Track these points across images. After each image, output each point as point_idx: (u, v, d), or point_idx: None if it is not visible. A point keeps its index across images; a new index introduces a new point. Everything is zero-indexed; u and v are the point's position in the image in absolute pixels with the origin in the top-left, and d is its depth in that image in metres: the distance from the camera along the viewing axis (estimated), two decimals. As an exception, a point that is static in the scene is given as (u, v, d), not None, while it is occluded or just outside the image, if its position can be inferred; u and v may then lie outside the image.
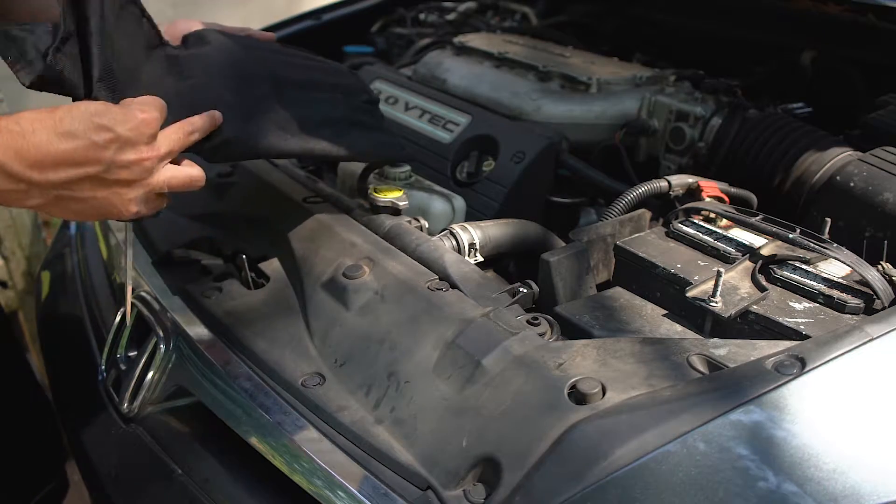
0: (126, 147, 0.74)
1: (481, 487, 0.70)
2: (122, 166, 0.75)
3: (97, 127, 0.72)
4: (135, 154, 0.75)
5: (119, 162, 0.74)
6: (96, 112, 0.72)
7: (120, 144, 0.73)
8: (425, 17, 2.01)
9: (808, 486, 0.62)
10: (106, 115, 0.73)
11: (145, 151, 0.76)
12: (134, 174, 0.76)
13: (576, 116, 1.37)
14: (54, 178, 0.71)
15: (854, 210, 1.02)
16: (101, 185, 0.75)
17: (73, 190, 0.73)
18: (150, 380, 0.99)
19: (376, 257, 0.96)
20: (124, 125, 0.73)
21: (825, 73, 1.51)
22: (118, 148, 0.73)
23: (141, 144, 0.75)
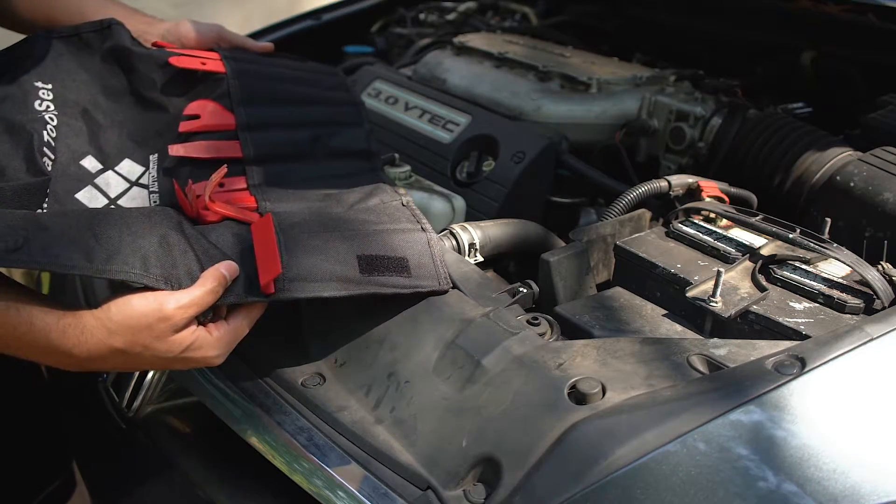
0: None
1: (481, 487, 0.70)
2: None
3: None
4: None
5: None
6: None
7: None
8: (425, 17, 2.01)
9: (808, 486, 0.62)
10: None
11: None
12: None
13: (576, 116, 1.37)
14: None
15: (854, 210, 1.02)
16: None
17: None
18: (150, 380, 0.99)
19: (376, 257, 0.96)
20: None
21: (825, 73, 1.51)
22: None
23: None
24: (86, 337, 0.73)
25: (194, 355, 0.77)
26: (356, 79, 1.57)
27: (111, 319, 0.73)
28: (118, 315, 0.73)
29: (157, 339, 0.74)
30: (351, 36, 1.96)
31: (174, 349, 0.75)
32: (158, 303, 0.74)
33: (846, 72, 1.47)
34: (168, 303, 0.74)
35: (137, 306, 0.73)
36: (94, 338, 0.73)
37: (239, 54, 1.08)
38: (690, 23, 1.74)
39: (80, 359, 0.74)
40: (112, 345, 0.73)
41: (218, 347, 0.79)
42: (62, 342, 0.72)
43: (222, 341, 0.79)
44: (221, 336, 0.79)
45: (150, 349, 0.74)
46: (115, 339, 0.73)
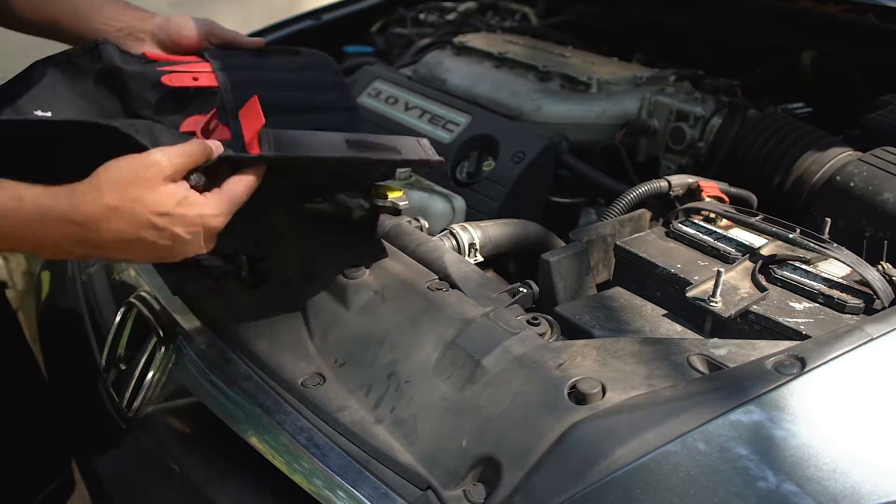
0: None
1: (481, 487, 0.70)
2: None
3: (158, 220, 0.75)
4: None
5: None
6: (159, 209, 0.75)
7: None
8: (425, 17, 2.01)
9: (808, 486, 0.62)
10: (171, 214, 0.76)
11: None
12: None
13: (576, 116, 1.37)
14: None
15: (854, 210, 1.02)
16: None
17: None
18: (150, 380, 0.99)
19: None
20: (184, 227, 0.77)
21: (825, 73, 1.51)
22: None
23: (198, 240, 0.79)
24: (78, 199, 0.72)
25: (190, 212, 0.76)
26: (356, 79, 1.57)
27: (100, 178, 0.73)
28: (106, 172, 0.73)
29: (147, 188, 0.73)
30: (351, 36, 1.96)
31: (167, 201, 0.74)
32: (145, 155, 0.75)
33: (846, 72, 1.47)
34: (154, 153, 0.75)
35: (124, 162, 0.74)
36: (87, 198, 0.72)
37: (231, 60, 1.07)
38: (690, 23, 1.74)
39: (76, 225, 0.73)
40: (106, 203, 0.72)
41: (214, 206, 0.77)
42: (55, 207, 0.72)
43: (217, 200, 0.78)
44: (216, 196, 0.78)
45: (142, 202, 0.73)
46: (107, 197, 0.72)
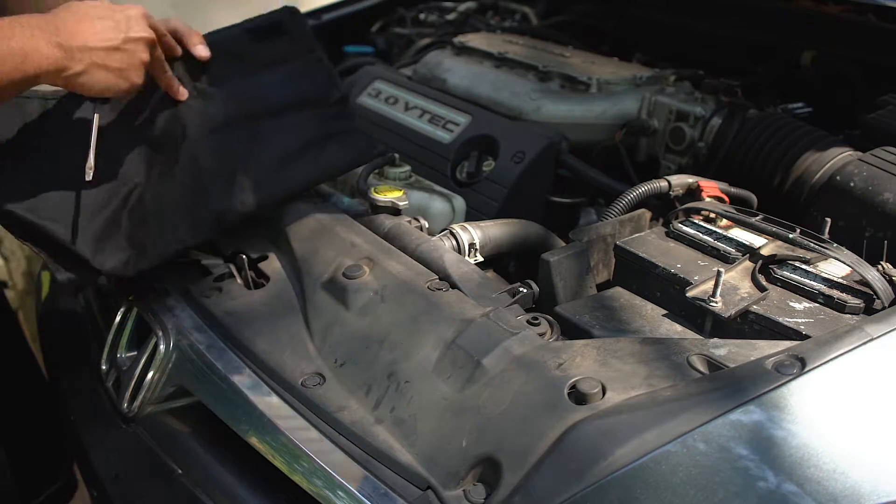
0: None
1: (481, 487, 0.70)
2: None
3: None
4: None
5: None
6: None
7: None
8: (425, 17, 2.01)
9: (807, 485, 0.62)
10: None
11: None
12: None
13: (576, 116, 1.37)
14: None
15: (854, 210, 1.02)
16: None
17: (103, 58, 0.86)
18: (150, 380, 0.99)
19: (376, 257, 0.96)
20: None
21: (825, 73, 1.51)
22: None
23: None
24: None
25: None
26: (356, 79, 1.57)
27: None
28: None
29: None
30: (351, 36, 1.96)
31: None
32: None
33: (846, 72, 1.47)
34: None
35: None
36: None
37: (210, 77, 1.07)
38: (690, 23, 1.74)
39: (50, 19, 0.82)
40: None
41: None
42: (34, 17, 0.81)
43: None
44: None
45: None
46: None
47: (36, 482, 1.32)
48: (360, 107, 1.49)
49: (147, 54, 0.92)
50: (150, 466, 0.96)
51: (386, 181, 1.22)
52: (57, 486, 1.35)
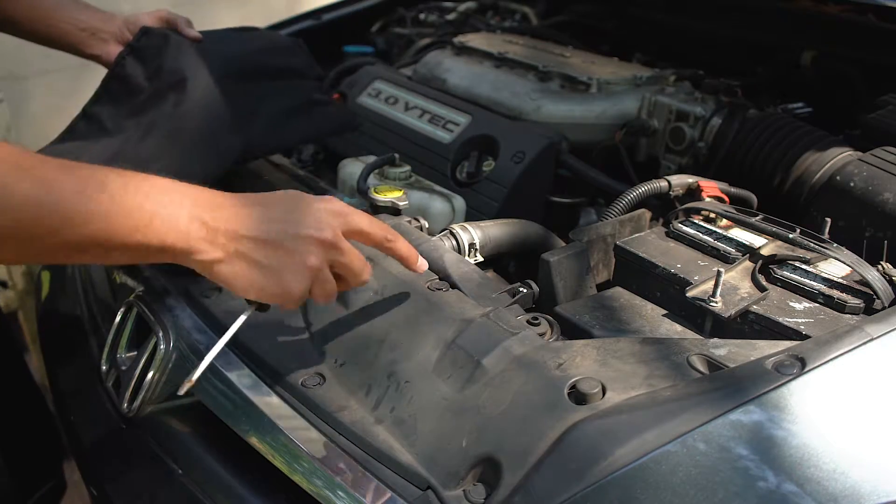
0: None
1: (481, 487, 0.70)
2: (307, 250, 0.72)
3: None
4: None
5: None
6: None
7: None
8: (425, 17, 2.01)
9: (807, 486, 0.62)
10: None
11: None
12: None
13: (576, 116, 1.37)
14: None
15: (854, 210, 1.02)
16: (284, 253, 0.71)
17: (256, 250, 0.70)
18: (150, 380, 0.99)
19: (376, 257, 0.96)
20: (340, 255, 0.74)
21: (825, 73, 1.51)
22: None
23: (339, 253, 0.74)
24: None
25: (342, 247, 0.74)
26: (356, 79, 1.57)
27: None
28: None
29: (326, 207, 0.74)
30: (351, 36, 1.96)
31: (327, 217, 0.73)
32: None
33: (846, 72, 1.47)
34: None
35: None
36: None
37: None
38: (690, 23, 1.74)
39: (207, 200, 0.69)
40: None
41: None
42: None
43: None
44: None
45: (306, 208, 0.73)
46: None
47: (29, 483, 1.32)
48: (360, 107, 1.49)
49: (319, 259, 0.72)
50: (150, 466, 0.96)
51: (386, 181, 1.22)
52: (47, 487, 1.35)
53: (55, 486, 1.37)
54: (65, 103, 3.23)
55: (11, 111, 2.55)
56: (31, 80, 3.09)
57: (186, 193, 0.67)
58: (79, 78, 3.26)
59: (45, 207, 0.57)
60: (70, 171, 0.60)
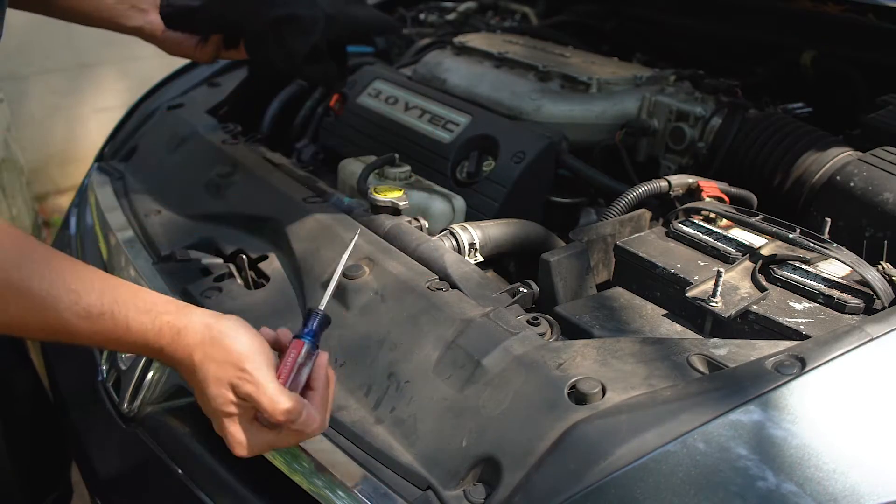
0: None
1: (481, 487, 0.70)
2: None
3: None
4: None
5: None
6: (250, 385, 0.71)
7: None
8: (425, 17, 2.01)
9: (807, 485, 0.62)
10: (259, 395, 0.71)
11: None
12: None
13: (576, 116, 1.37)
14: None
15: (854, 210, 1.02)
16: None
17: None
18: (150, 380, 0.99)
19: (376, 257, 0.96)
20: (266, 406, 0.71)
21: (825, 73, 1.51)
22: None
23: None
24: (178, 345, 0.71)
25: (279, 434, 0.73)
26: (356, 79, 1.57)
27: (211, 336, 0.71)
28: (223, 337, 0.71)
29: (252, 373, 0.70)
30: (351, 36, 1.95)
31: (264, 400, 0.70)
32: (263, 340, 0.73)
33: (846, 72, 1.47)
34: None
35: (246, 338, 0.72)
36: (185, 350, 0.71)
37: None
38: (690, 23, 1.74)
39: (164, 356, 0.72)
40: (201, 363, 0.71)
41: (289, 438, 0.73)
42: (155, 343, 0.70)
43: (291, 435, 0.74)
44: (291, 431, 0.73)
45: (239, 382, 0.70)
46: (209, 365, 0.71)
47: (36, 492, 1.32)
48: (360, 107, 1.49)
49: (233, 418, 0.74)
50: (150, 466, 0.96)
51: (386, 181, 1.22)
52: (55, 495, 1.35)
53: (62, 495, 1.37)
54: (65, 103, 3.25)
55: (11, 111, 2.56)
56: (31, 80, 3.10)
57: (150, 350, 0.72)
58: (79, 78, 3.27)
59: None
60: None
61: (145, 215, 1.24)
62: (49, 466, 1.34)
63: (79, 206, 1.48)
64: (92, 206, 1.37)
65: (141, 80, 1.71)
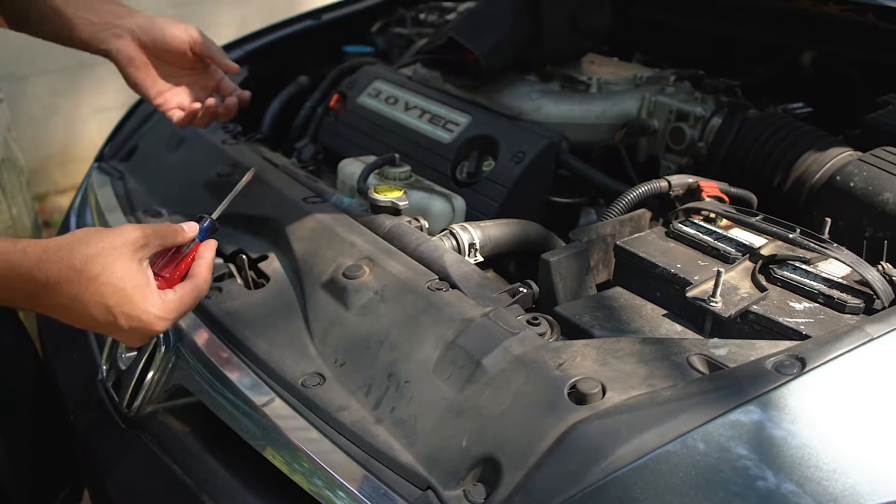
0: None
1: (481, 487, 0.70)
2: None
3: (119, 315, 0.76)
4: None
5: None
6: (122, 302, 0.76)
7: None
8: (425, 17, 2.01)
9: (807, 485, 0.62)
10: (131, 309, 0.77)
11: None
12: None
13: (576, 116, 1.37)
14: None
15: (854, 210, 1.02)
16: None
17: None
18: (150, 380, 0.99)
19: (376, 257, 0.96)
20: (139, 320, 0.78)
21: (825, 73, 1.51)
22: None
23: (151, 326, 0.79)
24: (47, 256, 0.72)
25: (139, 304, 0.76)
26: (356, 79, 1.57)
27: (73, 238, 0.74)
28: (79, 237, 0.75)
29: (115, 259, 0.74)
30: (351, 36, 1.96)
31: (126, 280, 0.75)
32: (119, 228, 0.77)
33: (846, 72, 1.47)
34: (128, 227, 0.77)
35: (97, 231, 0.76)
36: (55, 257, 0.72)
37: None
38: (690, 23, 1.73)
39: (36, 283, 0.72)
40: (72, 265, 0.73)
41: (163, 309, 0.79)
42: (21, 264, 0.72)
43: (168, 306, 0.79)
44: (169, 300, 0.80)
45: (106, 273, 0.74)
46: (75, 259, 0.73)
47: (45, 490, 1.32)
48: (360, 107, 1.49)
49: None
50: (150, 466, 0.96)
51: (386, 181, 1.22)
52: (64, 492, 1.34)
53: (72, 491, 1.36)
54: (65, 103, 3.25)
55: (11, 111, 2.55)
56: (31, 80, 3.10)
57: (20, 276, 0.72)
58: (79, 78, 3.27)
59: None
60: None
61: (145, 215, 1.24)
62: (57, 463, 1.34)
63: (79, 206, 1.48)
64: (92, 206, 1.37)
65: (141, 80, 1.71)
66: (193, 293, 0.82)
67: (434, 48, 1.39)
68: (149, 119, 1.61)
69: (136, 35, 1.09)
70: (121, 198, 1.34)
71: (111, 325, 0.77)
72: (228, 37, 1.83)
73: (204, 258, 0.85)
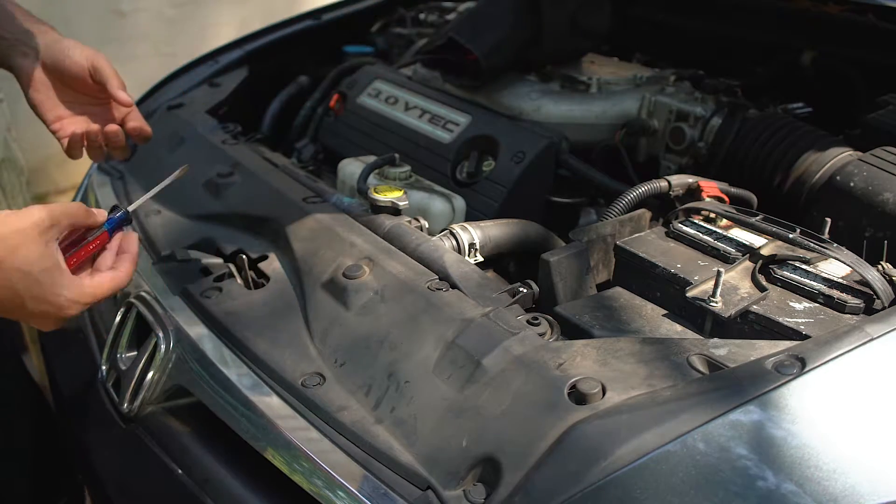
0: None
1: (481, 487, 0.70)
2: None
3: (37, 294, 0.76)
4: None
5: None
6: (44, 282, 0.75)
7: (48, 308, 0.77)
8: (425, 17, 2.01)
9: (807, 485, 0.62)
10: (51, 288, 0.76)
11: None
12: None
13: (576, 116, 1.37)
14: None
15: (854, 210, 1.02)
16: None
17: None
18: (150, 380, 0.99)
19: (376, 257, 0.96)
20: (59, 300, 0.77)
21: (825, 73, 1.51)
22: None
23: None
24: None
25: (50, 287, 0.76)
26: (356, 79, 1.57)
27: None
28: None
29: (22, 241, 0.73)
30: (351, 36, 1.96)
31: (35, 262, 0.74)
32: (26, 210, 0.75)
33: (846, 72, 1.47)
34: (34, 208, 0.75)
35: (5, 213, 0.74)
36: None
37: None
38: (690, 23, 1.74)
39: None
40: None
41: (75, 292, 0.78)
42: None
43: (81, 288, 0.79)
44: (82, 281, 0.80)
45: (14, 255, 0.72)
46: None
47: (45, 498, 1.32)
48: (360, 107, 1.49)
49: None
50: (150, 466, 0.96)
51: (386, 181, 1.22)
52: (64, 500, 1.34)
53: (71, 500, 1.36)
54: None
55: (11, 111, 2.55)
56: (32, 80, 3.09)
57: None
58: (79, 78, 3.26)
59: None
60: None
61: (145, 215, 1.24)
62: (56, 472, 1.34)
63: (79, 206, 1.48)
64: (92, 206, 1.37)
65: (141, 80, 1.71)
66: (112, 283, 0.83)
67: (434, 48, 1.39)
68: (149, 119, 1.61)
69: (41, 55, 1.04)
70: (121, 198, 1.34)
71: (20, 310, 0.76)
72: (228, 37, 1.83)
73: (129, 251, 0.87)
